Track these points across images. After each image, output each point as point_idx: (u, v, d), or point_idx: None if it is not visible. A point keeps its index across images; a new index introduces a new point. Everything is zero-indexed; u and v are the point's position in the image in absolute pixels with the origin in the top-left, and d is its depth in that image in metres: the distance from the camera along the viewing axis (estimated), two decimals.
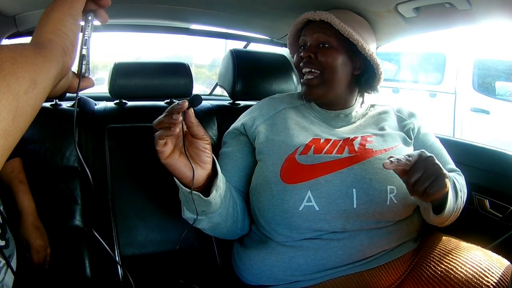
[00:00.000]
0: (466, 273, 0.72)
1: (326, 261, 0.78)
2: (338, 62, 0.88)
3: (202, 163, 0.70)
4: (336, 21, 0.86)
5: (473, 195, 1.16)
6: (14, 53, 0.37)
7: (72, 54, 0.48)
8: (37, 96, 0.39)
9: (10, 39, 1.20)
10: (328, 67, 0.88)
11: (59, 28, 0.47)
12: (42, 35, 0.46)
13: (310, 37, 0.90)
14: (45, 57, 0.42)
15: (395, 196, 0.79)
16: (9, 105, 0.34)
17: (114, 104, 1.19)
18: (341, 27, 0.85)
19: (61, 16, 0.48)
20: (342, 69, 0.89)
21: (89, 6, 0.54)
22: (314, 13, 0.89)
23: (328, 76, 0.88)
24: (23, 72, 0.37)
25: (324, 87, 0.89)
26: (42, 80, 0.39)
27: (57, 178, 1.01)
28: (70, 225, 0.99)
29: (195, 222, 0.77)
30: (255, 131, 0.90)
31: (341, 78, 0.90)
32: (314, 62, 0.89)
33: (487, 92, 3.72)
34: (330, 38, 0.88)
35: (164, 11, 1.25)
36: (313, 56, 0.88)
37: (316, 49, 0.89)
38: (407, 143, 0.90)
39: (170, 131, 0.63)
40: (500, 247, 1.04)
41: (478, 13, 0.89)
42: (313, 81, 0.89)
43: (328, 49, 0.88)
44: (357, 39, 0.86)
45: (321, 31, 0.89)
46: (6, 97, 0.34)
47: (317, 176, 0.79)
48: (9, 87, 0.35)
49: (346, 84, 0.92)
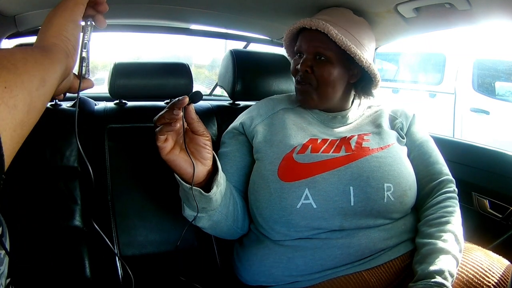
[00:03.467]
0: (466, 273, 0.72)
1: (325, 261, 0.78)
2: (334, 76, 0.88)
3: (202, 159, 0.71)
4: (333, 32, 0.83)
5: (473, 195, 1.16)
6: (25, 55, 0.41)
7: (74, 56, 0.52)
8: (46, 92, 0.43)
9: (10, 39, 1.20)
10: (324, 82, 0.88)
11: (61, 33, 0.51)
12: (46, 39, 0.50)
13: (306, 47, 0.89)
14: (51, 59, 0.46)
15: (392, 193, 0.79)
16: (25, 99, 0.38)
17: (114, 104, 1.19)
18: (338, 39, 0.83)
19: (63, 22, 0.52)
20: (338, 82, 0.90)
21: (88, 12, 0.59)
22: (310, 22, 0.86)
23: (324, 90, 0.89)
24: (34, 71, 0.41)
25: (318, 98, 0.90)
26: (50, 79, 0.44)
27: (57, 178, 1.01)
28: (70, 225, 0.99)
29: (196, 219, 0.78)
30: (253, 131, 0.90)
31: (337, 90, 0.91)
32: (310, 76, 0.89)
33: (487, 92, 3.72)
34: (327, 51, 0.87)
35: (164, 11, 1.25)
36: (310, 70, 0.88)
37: (312, 61, 0.88)
38: (400, 142, 0.91)
39: (170, 126, 0.64)
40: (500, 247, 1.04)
41: (478, 13, 0.90)
42: (309, 90, 0.90)
43: (324, 62, 0.88)
44: (354, 52, 0.84)
45: (318, 42, 0.87)
46: (21, 92, 0.38)
47: (314, 174, 0.79)
48: (23, 84, 0.39)
49: (341, 93, 0.93)
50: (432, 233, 0.77)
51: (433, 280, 0.67)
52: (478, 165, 1.17)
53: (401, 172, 0.82)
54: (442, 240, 0.75)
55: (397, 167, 0.82)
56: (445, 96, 3.92)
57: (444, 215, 0.81)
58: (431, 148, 0.93)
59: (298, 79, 0.91)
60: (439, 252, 0.72)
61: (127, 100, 1.20)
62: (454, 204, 0.84)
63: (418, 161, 0.90)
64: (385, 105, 0.99)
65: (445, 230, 0.77)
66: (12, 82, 0.37)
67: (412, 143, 0.93)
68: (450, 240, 0.75)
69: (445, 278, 0.68)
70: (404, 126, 0.94)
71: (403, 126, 0.94)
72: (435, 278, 0.68)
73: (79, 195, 1.01)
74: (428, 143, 0.93)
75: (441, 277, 0.68)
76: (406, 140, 0.93)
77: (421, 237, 0.79)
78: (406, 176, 0.83)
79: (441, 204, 0.83)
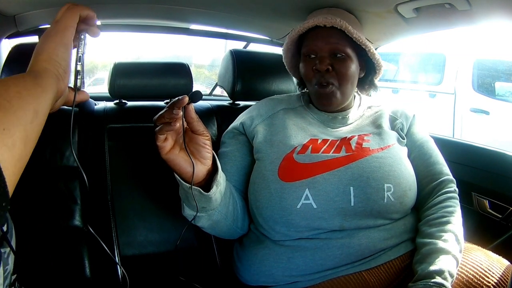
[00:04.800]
0: (466, 274, 0.72)
1: (325, 261, 0.78)
2: (353, 71, 0.89)
3: (202, 159, 0.71)
4: (350, 28, 0.84)
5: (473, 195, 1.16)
6: (18, 88, 0.43)
7: (65, 80, 0.55)
8: (39, 123, 0.45)
9: (10, 38, 1.20)
10: (346, 78, 0.88)
11: (52, 57, 0.54)
12: (38, 63, 0.52)
13: (322, 46, 0.87)
14: (43, 86, 0.48)
15: (392, 194, 0.79)
16: (21, 136, 0.40)
17: (114, 104, 1.19)
18: (356, 35, 0.85)
19: (54, 46, 0.55)
20: (355, 78, 0.91)
21: (81, 27, 0.61)
22: (325, 19, 0.85)
23: (345, 87, 0.89)
24: (28, 105, 0.43)
25: (340, 96, 0.91)
26: (42, 108, 0.46)
27: (57, 178, 1.01)
28: (70, 225, 0.99)
29: (195, 219, 0.78)
30: (253, 131, 0.90)
31: (354, 86, 0.93)
32: (331, 75, 0.88)
33: (487, 92, 3.72)
34: (345, 47, 0.87)
35: (164, 11, 1.25)
36: (331, 68, 0.87)
37: (331, 60, 0.88)
38: (400, 142, 0.91)
39: (170, 126, 0.64)
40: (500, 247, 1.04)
41: (478, 14, 0.90)
42: (332, 91, 0.89)
43: (343, 59, 0.88)
44: (368, 46, 0.87)
45: (335, 39, 0.87)
46: (18, 129, 0.40)
47: (315, 175, 0.79)
48: (19, 120, 0.40)
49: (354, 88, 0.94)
50: (432, 233, 0.77)
51: (432, 280, 0.67)
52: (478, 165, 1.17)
53: (401, 172, 0.82)
54: (443, 240, 0.75)
55: (397, 167, 0.82)
56: (445, 96, 3.92)
57: (444, 215, 0.81)
58: (431, 148, 0.93)
59: (321, 81, 0.88)
60: (439, 252, 0.72)
61: (127, 100, 1.21)
62: (454, 204, 0.84)
63: (419, 162, 0.90)
64: (385, 106, 0.99)
65: (446, 230, 0.77)
66: (9, 122, 0.39)
67: (412, 143, 0.93)
68: (450, 240, 0.75)
69: (445, 278, 0.68)
70: (404, 127, 0.94)
71: (403, 126, 0.94)
72: (435, 278, 0.68)
73: (79, 195, 1.01)
74: (429, 144, 0.93)
75: (441, 277, 0.68)
76: (406, 140, 0.93)
77: (421, 237, 0.79)
78: (406, 176, 0.83)
79: (442, 204, 0.83)
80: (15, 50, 1.04)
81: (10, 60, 1.02)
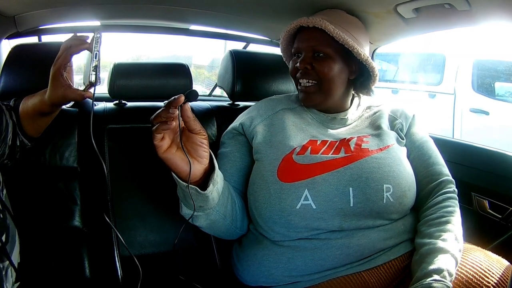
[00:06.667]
0: (466, 274, 0.72)
1: (324, 262, 0.78)
2: (335, 71, 0.88)
3: (199, 158, 0.71)
4: (331, 27, 0.84)
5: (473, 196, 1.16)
6: None
7: None
8: None
9: (10, 39, 1.20)
10: (325, 78, 0.88)
11: None
12: None
13: (304, 46, 0.89)
14: None
15: (391, 194, 0.79)
16: None
17: (114, 104, 1.19)
18: (336, 34, 0.84)
19: None
20: (338, 77, 0.89)
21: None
22: (307, 20, 0.87)
23: (326, 86, 0.89)
24: None
25: (321, 95, 0.90)
26: None
27: (56, 179, 1.01)
28: (69, 226, 0.99)
29: (193, 218, 0.78)
30: (253, 131, 0.90)
31: (338, 86, 0.90)
32: (310, 73, 0.89)
33: (487, 92, 3.72)
34: (325, 47, 0.87)
35: (163, 12, 1.25)
36: (310, 67, 0.88)
37: (311, 59, 0.88)
38: (400, 142, 0.91)
39: (167, 125, 0.65)
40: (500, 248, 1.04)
41: (478, 14, 0.90)
42: (311, 88, 0.90)
43: (323, 59, 0.88)
44: (352, 45, 0.85)
45: (316, 39, 0.87)
46: None
47: (314, 175, 0.79)
48: None
49: (343, 90, 0.92)
50: (431, 233, 0.77)
51: (431, 279, 0.67)
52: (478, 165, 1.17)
53: (400, 173, 0.82)
54: (442, 240, 0.75)
55: (396, 168, 0.82)
56: (445, 96, 3.92)
57: (444, 215, 0.81)
58: (431, 149, 0.93)
59: (299, 76, 0.91)
60: (438, 252, 0.72)
61: (127, 101, 1.20)
62: (454, 204, 0.84)
63: (418, 162, 0.90)
64: (385, 106, 0.99)
65: (445, 230, 0.77)
66: None
67: (412, 144, 0.93)
68: (449, 239, 0.75)
69: (444, 277, 0.68)
70: (404, 127, 0.94)
71: (403, 126, 0.94)
72: (433, 277, 0.68)
73: (78, 195, 1.01)
74: (428, 144, 0.93)
75: (440, 276, 0.68)
76: (406, 140, 0.93)
77: (420, 237, 0.79)
78: (405, 177, 0.83)
79: (441, 204, 0.83)
80: (15, 51, 1.04)
81: (10, 61, 1.02)
